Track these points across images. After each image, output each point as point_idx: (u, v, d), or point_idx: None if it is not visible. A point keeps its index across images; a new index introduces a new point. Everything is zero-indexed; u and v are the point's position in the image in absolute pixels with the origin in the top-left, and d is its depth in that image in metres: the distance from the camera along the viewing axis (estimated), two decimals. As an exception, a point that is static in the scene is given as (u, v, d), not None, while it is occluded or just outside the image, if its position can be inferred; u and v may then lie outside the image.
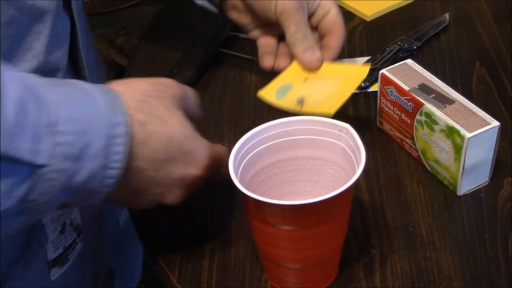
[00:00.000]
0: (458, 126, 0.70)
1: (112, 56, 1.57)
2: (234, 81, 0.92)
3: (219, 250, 0.71)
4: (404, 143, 0.79)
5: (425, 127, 0.74)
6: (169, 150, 0.60)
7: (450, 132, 0.71)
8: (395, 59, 0.90)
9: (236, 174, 0.62)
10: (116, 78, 0.63)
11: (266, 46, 0.84)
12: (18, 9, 0.59)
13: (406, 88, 0.75)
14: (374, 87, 0.87)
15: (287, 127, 0.66)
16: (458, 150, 0.71)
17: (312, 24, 0.82)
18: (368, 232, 0.71)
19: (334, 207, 0.61)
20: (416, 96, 0.74)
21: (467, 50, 0.93)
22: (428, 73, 0.77)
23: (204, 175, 0.63)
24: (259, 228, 0.63)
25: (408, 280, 0.67)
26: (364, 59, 0.92)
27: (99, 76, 0.81)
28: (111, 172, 0.56)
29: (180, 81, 0.88)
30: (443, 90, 0.75)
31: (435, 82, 0.76)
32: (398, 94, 0.76)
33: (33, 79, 0.54)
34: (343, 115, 0.70)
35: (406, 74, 0.77)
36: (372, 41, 0.97)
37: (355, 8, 1.02)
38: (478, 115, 0.71)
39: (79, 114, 0.54)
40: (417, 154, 0.77)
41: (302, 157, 0.68)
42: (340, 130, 0.65)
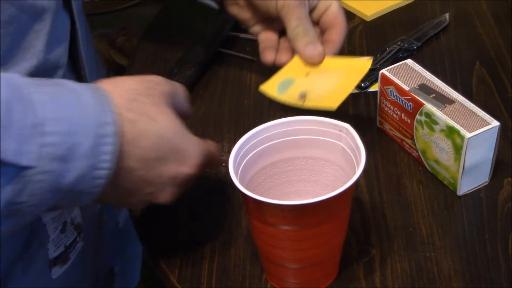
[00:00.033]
0: (458, 126, 0.70)
1: (112, 56, 1.57)
2: (234, 81, 0.92)
3: (219, 250, 0.71)
4: (404, 143, 0.79)
5: (425, 127, 0.74)
6: (160, 148, 0.59)
7: (450, 132, 0.71)
8: (395, 59, 0.90)
9: (236, 174, 0.62)
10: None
11: (267, 41, 0.84)
12: (18, 8, 0.58)
13: (406, 88, 0.75)
14: (374, 87, 0.87)
15: (287, 127, 0.66)
16: (458, 150, 0.71)
17: (313, 18, 0.81)
18: (368, 232, 0.71)
19: (334, 207, 0.61)
20: (416, 96, 0.74)
21: (467, 50, 0.93)
22: (428, 73, 0.77)
23: (196, 173, 0.63)
24: (259, 228, 0.63)
25: (408, 280, 0.67)
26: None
27: (99, 76, 0.80)
28: (101, 172, 0.55)
29: (180, 81, 0.88)
30: (443, 90, 0.75)
31: (435, 82, 0.76)
32: (398, 94, 0.76)
33: (18, 80, 0.53)
34: (343, 115, 0.69)
35: (406, 74, 0.77)
36: (372, 41, 0.97)
37: (355, 8, 1.02)
38: (478, 115, 0.71)
39: (66, 114, 0.53)
40: (417, 154, 0.77)
41: (302, 157, 0.68)
42: (340, 130, 0.65)
